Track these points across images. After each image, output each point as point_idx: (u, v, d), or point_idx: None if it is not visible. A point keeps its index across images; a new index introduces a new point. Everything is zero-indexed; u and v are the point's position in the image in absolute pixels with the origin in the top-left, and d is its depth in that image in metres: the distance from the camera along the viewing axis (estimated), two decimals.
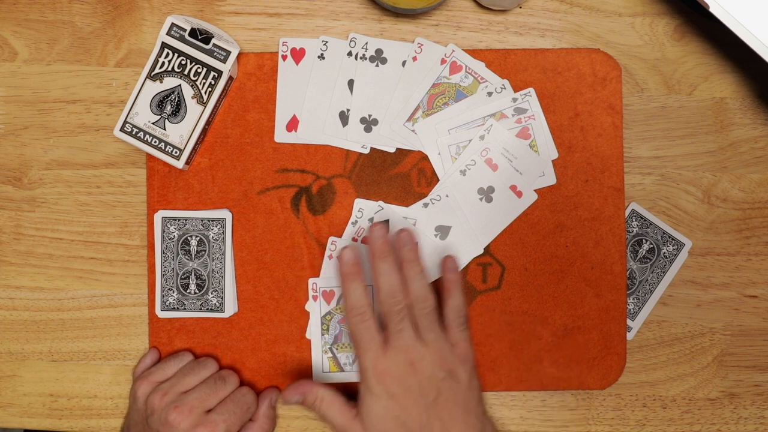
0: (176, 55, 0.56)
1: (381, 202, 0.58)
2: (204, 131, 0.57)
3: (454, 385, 0.51)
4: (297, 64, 0.58)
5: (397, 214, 0.58)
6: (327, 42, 0.58)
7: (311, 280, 0.58)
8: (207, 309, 0.58)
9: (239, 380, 0.57)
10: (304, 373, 0.58)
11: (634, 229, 0.59)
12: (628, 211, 0.59)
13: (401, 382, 0.50)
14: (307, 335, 0.58)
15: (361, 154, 0.58)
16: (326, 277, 0.58)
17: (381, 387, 0.50)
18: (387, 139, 0.58)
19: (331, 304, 0.58)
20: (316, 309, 0.58)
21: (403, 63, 0.58)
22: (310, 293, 0.58)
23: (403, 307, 0.51)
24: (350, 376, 0.58)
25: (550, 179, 0.58)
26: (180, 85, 0.56)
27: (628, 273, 0.59)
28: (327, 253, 0.58)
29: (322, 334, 0.58)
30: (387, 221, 0.53)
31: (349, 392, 0.54)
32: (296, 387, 0.53)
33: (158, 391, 0.54)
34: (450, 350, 0.52)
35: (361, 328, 0.52)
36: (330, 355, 0.58)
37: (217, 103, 0.56)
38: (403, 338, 0.51)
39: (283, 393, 0.53)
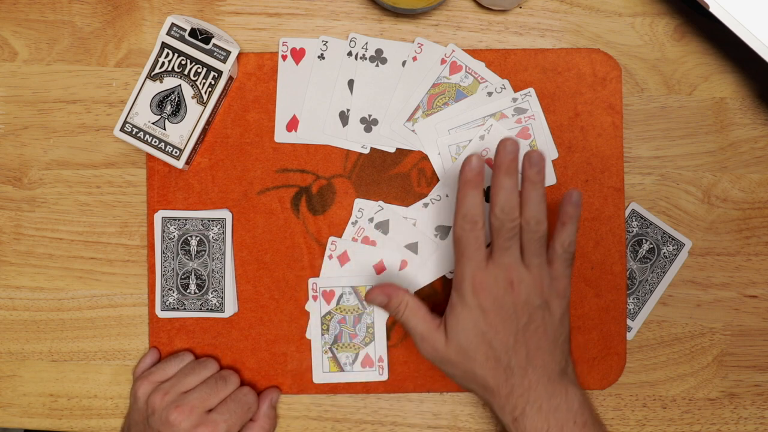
0: (176, 55, 0.56)
1: (381, 202, 0.58)
2: (204, 131, 0.57)
3: (547, 316, 0.50)
4: (297, 64, 0.58)
5: (397, 214, 0.58)
6: (327, 42, 0.58)
7: (311, 280, 0.58)
8: (207, 309, 0.58)
9: (240, 380, 0.57)
10: (304, 373, 0.58)
11: (634, 229, 0.59)
12: (628, 211, 0.59)
13: (497, 299, 0.49)
14: (307, 335, 0.58)
15: (361, 154, 0.58)
16: (326, 277, 0.58)
17: (476, 299, 0.49)
18: (387, 139, 0.58)
19: (331, 304, 0.58)
20: (316, 309, 0.58)
21: (403, 63, 0.58)
22: (310, 293, 0.58)
23: (516, 225, 0.49)
24: (350, 376, 0.58)
25: (550, 179, 0.58)
26: (180, 85, 0.56)
27: (628, 273, 0.59)
28: (327, 253, 0.58)
29: (322, 334, 0.58)
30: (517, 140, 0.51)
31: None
32: (382, 288, 0.52)
33: (159, 390, 0.54)
34: (550, 281, 0.50)
35: (470, 237, 0.50)
36: (330, 355, 0.58)
37: (217, 103, 0.56)
38: (508, 256, 0.50)
39: (368, 293, 0.52)
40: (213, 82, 0.56)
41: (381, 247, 0.58)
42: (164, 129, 0.56)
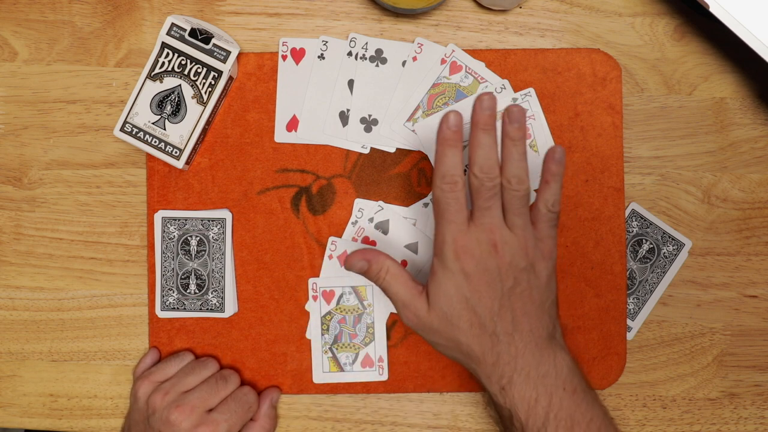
0: (176, 55, 0.56)
1: (381, 202, 0.58)
2: (204, 131, 0.57)
3: (533, 278, 0.48)
4: (297, 64, 0.58)
5: (397, 214, 0.58)
6: (327, 42, 0.58)
7: (311, 280, 0.58)
8: (207, 309, 0.58)
9: (240, 380, 0.57)
10: (304, 373, 0.58)
11: (634, 229, 0.59)
12: (628, 211, 0.59)
13: (480, 262, 0.47)
14: (307, 335, 0.58)
15: (361, 154, 0.58)
16: (326, 277, 0.58)
17: (457, 264, 0.47)
18: (387, 139, 0.58)
19: (331, 304, 0.58)
20: (316, 309, 0.58)
21: (403, 63, 0.58)
22: (310, 293, 0.58)
23: (496, 185, 0.47)
24: (350, 376, 0.58)
25: None
26: (180, 85, 0.56)
27: (628, 273, 0.59)
28: (327, 253, 0.58)
29: (322, 334, 0.58)
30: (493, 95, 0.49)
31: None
32: (362, 253, 0.50)
33: (159, 390, 0.54)
34: (535, 242, 0.48)
35: (450, 198, 0.47)
36: (330, 355, 0.58)
37: (217, 103, 0.56)
38: (490, 216, 0.47)
39: (347, 258, 0.50)
40: (213, 82, 0.56)
41: (381, 247, 0.58)
42: (164, 129, 0.56)
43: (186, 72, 0.56)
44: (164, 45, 0.56)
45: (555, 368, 0.48)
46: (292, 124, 0.58)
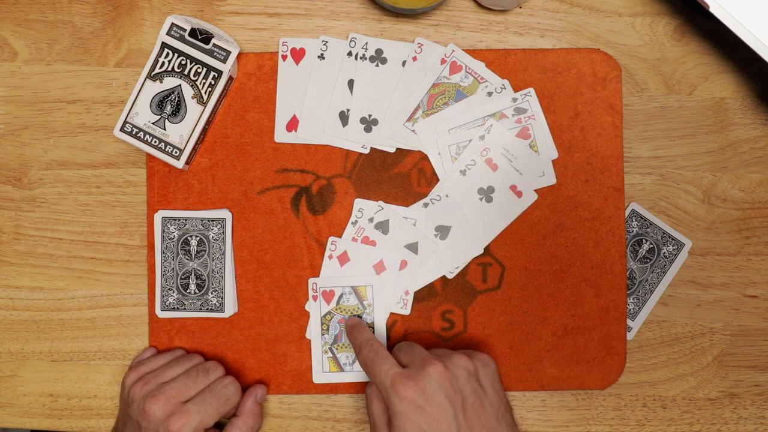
0: (176, 55, 0.56)
1: (381, 202, 0.58)
2: (204, 131, 0.57)
3: (479, 390, 0.51)
4: (297, 64, 0.58)
5: (397, 214, 0.58)
6: (327, 42, 0.58)
7: (311, 280, 0.58)
8: (207, 309, 0.58)
9: (224, 371, 0.56)
10: (304, 373, 0.58)
11: (634, 229, 0.59)
12: (628, 211, 0.59)
13: (424, 390, 0.49)
14: (307, 335, 0.58)
15: (361, 154, 0.58)
16: (326, 277, 0.58)
17: (404, 402, 0.49)
18: (387, 139, 0.58)
19: (331, 304, 0.58)
20: (316, 309, 0.58)
21: (403, 63, 0.58)
22: (310, 293, 0.58)
23: None
24: (350, 376, 0.58)
25: (550, 179, 0.58)
26: (180, 85, 0.56)
27: (628, 273, 0.59)
28: (327, 253, 0.58)
29: (322, 334, 0.58)
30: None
31: None
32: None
33: (141, 380, 0.54)
34: (469, 354, 0.53)
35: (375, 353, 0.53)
36: (330, 355, 0.58)
37: (217, 103, 0.56)
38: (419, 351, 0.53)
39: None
40: (213, 82, 0.56)
41: (381, 247, 0.58)
42: (164, 129, 0.56)
43: (186, 72, 0.56)
44: (164, 45, 0.56)
45: None
46: (292, 124, 0.58)
